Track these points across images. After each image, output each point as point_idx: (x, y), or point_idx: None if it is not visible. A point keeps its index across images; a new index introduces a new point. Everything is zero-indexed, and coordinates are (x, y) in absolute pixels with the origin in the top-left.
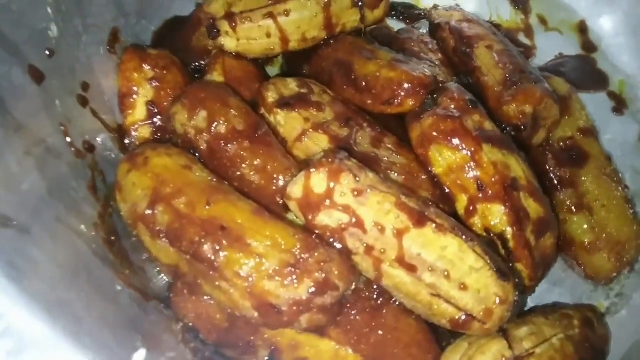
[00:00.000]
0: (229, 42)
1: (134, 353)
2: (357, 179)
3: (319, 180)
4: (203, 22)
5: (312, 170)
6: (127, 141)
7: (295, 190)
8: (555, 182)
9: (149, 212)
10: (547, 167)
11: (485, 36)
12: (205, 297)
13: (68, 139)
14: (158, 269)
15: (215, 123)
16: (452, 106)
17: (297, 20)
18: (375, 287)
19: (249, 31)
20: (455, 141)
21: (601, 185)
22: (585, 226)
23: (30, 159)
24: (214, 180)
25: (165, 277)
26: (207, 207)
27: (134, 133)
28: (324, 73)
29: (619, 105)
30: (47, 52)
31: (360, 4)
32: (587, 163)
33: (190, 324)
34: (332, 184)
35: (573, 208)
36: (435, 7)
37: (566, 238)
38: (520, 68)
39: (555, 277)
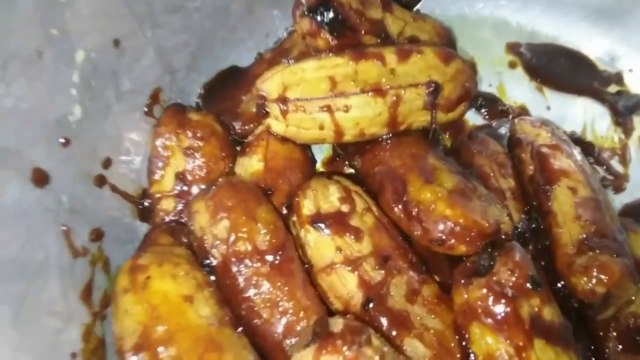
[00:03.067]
0: (276, 126)
1: None
2: None
3: None
4: (254, 96)
5: (323, 351)
6: (146, 203)
7: None
8: None
9: (132, 357)
10: (606, 347)
11: (571, 174)
12: None
13: (67, 242)
14: None
15: (236, 237)
16: (510, 280)
17: (356, 117)
18: None
19: (300, 120)
20: (503, 328)
21: None
22: None
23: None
24: (215, 324)
25: None
26: None
27: (157, 205)
28: (374, 180)
29: None
30: (63, 141)
31: (433, 107)
32: None
33: None
34: None
35: None
36: (522, 110)
37: None
38: (602, 230)
39: None
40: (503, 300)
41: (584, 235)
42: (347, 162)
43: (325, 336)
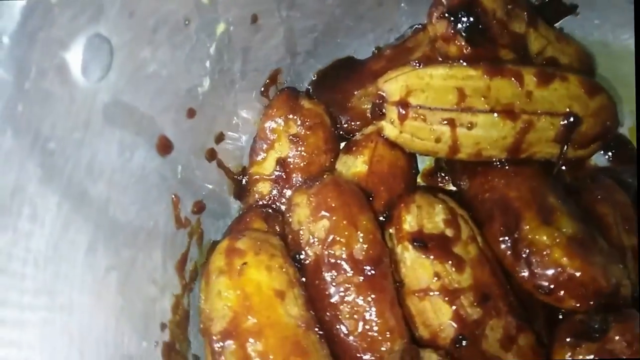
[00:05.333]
0: (390, 130)
1: None
2: None
3: None
4: (367, 93)
5: None
6: (243, 182)
7: None
8: None
9: (219, 342)
10: None
11: None
12: None
13: (174, 212)
14: None
15: (333, 240)
16: (625, 352)
17: (479, 137)
18: None
19: (417, 129)
20: None
21: None
22: None
23: (112, 274)
24: (302, 327)
25: None
26: None
27: (253, 186)
28: (483, 207)
29: None
30: (189, 110)
31: (566, 142)
32: None
33: None
34: None
35: None
36: None
37: None
38: None
39: None
40: None
41: None
42: (449, 179)
43: None
